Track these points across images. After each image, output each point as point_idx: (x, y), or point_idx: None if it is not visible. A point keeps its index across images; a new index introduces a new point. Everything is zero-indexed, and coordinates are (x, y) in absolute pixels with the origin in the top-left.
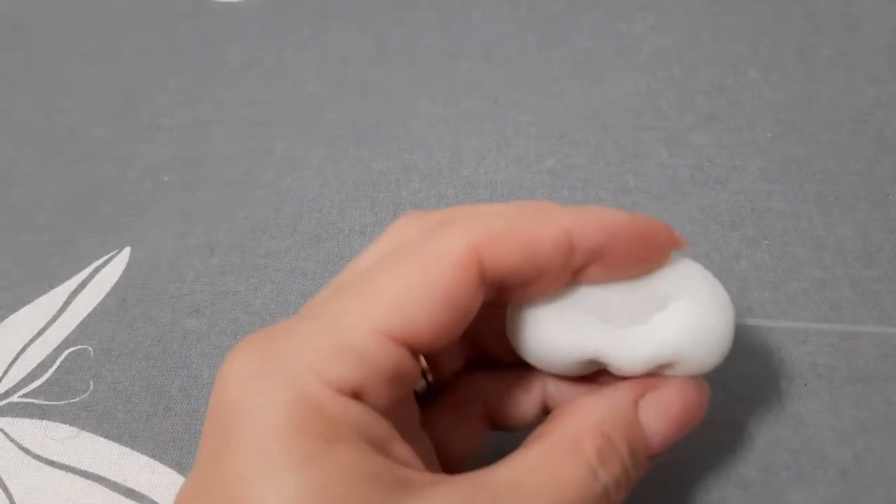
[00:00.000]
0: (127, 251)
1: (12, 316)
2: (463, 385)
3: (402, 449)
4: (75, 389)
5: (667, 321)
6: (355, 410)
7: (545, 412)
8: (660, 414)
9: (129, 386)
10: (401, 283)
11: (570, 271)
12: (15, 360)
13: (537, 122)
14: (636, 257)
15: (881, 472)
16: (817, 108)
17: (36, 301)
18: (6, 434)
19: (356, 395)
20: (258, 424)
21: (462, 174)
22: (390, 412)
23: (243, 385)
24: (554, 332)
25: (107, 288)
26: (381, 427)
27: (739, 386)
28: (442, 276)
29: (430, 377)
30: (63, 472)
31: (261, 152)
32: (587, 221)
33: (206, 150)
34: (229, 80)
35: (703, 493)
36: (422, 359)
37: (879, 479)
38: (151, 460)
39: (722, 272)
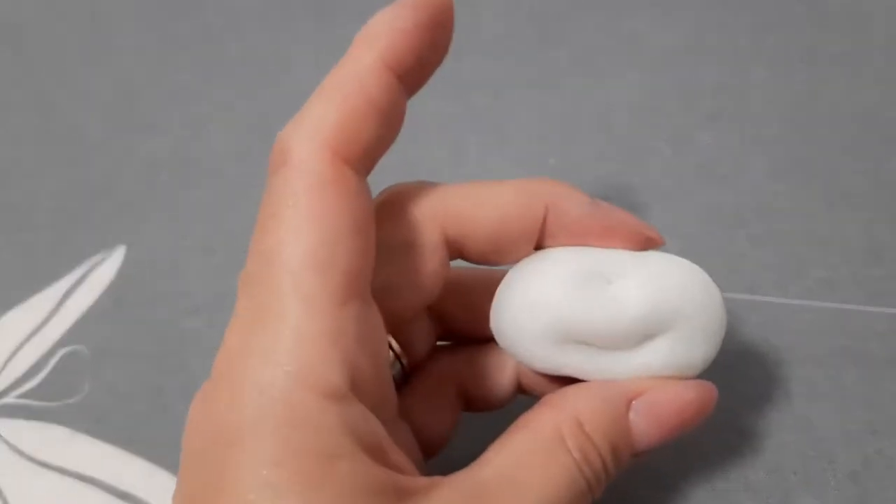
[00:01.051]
0: (123, 250)
1: (6, 315)
2: (434, 367)
3: (395, 453)
4: (70, 390)
5: (649, 354)
6: (349, 415)
7: (519, 390)
8: (650, 417)
9: (125, 387)
10: (302, 244)
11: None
12: (9, 360)
13: (540, 120)
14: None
15: (891, 474)
16: (823, 106)
17: (30, 300)
18: (0, 436)
19: (345, 390)
20: (257, 453)
21: (463, 172)
22: (378, 400)
23: (230, 413)
24: (537, 353)
25: (102, 287)
26: (376, 429)
27: (747, 388)
28: (327, 209)
29: (404, 361)
30: (58, 475)
31: (259, 151)
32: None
33: (203, 149)
34: (227, 78)
35: (712, 496)
36: (395, 344)
37: (889, 482)
38: (148, 463)
39: (727, 272)
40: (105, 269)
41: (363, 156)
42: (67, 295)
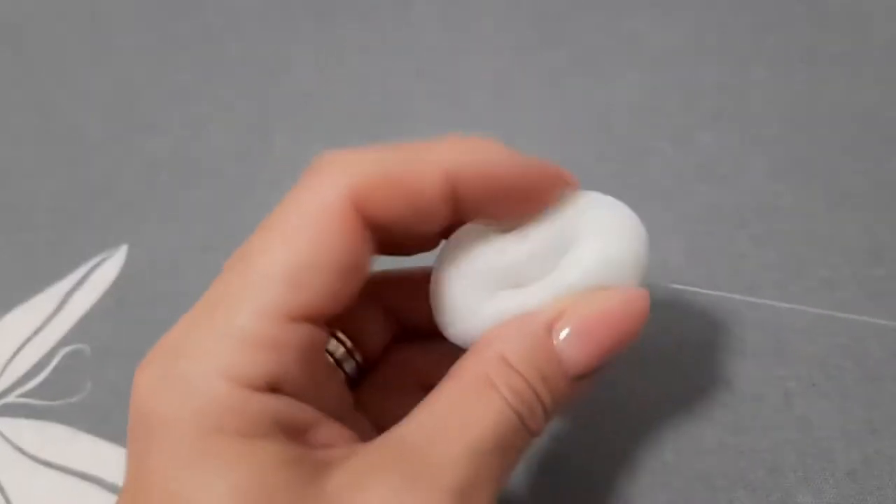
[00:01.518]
0: (124, 249)
1: (8, 315)
2: (393, 360)
3: (326, 431)
4: (72, 389)
5: (569, 268)
6: (271, 403)
7: None
8: (575, 337)
9: (126, 386)
10: (284, 257)
11: (455, 215)
12: (11, 359)
13: (540, 120)
14: (523, 200)
15: (890, 473)
16: (823, 106)
17: (32, 300)
18: (2, 434)
19: (272, 387)
20: (176, 434)
21: None
22: (315, 398)
23: (154, 401)
24: (476, 321)
25: (104, 286)
26: (302, 413)
27: (746, 386)
28: (323, 238)
29: (358, 357)
30: (59, 473)
31: (260, 150)
32: (470, 165)
33: (204, 148)
34: (227, 78)
35: (711, 494)
36: (347, 340)
37: (888, 481)
38: None
39: (728, 272)
40: (108, 269)
41: (379, 226)
42: (69, 295)
